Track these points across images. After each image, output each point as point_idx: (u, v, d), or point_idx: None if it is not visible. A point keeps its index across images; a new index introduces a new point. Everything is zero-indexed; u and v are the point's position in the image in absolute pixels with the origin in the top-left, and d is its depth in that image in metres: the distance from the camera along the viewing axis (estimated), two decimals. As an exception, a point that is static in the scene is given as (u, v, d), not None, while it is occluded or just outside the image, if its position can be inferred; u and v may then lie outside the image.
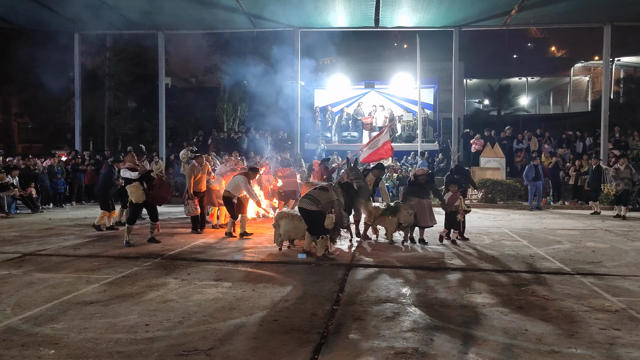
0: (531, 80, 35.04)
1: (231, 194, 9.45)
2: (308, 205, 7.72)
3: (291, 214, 8.29)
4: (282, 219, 8.24)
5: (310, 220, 7.75)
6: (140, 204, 8.92)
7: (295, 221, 8.12)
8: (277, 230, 8.28)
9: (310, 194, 7.85)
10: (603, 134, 18.34)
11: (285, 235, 8.26)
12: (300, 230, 8.09)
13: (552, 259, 7.75)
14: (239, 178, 9.42)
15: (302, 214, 7.86)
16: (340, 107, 22.95)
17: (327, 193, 7.77)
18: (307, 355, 3.94)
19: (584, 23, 19.58)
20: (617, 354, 3.99)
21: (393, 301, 5.45)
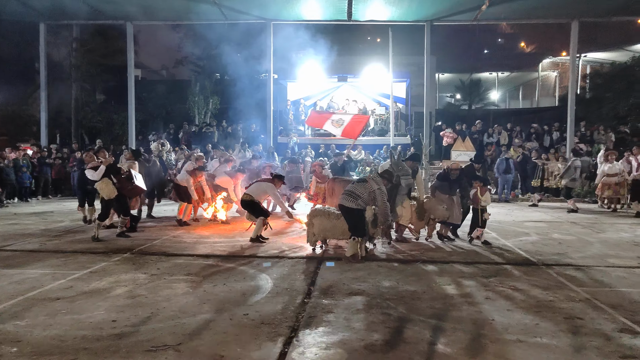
0: (501, 75, 35.55)
1: (253, 198, 8.72)
2: (347, 202, 7.07)
3: (327, 212, 7.65)
4: (317, 217, 7.60)
5: (350, 219, 7.11)
6: (112, 200, 8.71)
7: (332, 219, 7.47)
8: (311, 229, 7.62)
9: (349, 189, 7.22)
10: (569, 128, 18.78)
11: (320, 235, 7.60)
12: (337, 229, 7.44)
13: (520, 251, 7.91)
14: (267, 186, 8.83)
15: (342, 213, 7.22)
16: (314, 100, 22.90)
17: (366, 184, 7.13)
18: (278, 349, 3.93)
19: (552, 19, 19.95)
20: (580, 343, 4.10)
21: (364, 294, 5.48)
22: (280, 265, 6.87)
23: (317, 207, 8.20)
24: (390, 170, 7.67)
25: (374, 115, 22.25)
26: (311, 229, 7.67)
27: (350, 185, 7.38)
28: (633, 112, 22.22)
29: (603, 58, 30.17)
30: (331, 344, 4.04)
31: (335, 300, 5.24)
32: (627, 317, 4.70)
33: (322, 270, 6.56)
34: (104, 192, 8.60)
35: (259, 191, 8.87)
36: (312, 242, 7.71)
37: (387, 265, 6.91)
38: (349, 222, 7.15)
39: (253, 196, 8.72)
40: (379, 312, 4.84)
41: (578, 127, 19.64)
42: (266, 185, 8.89)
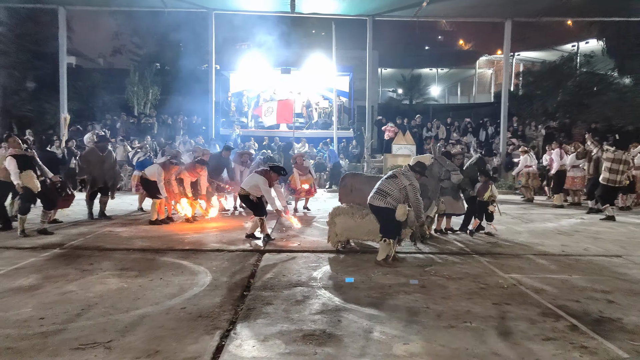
0: (441, 71, 36.63)
1: (247, 192, 8.04)
2: (376, 201, 6.55)
3: (351, 210, 7.20)
4: (339, 216, 7.16)
5: (380, 219, 6.63)
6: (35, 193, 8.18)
7: (357, 218, 7.03)
8: (333, 228, 7.17)
9: (378, 187, 6.65)
10: (503, 123, 19.64)
11: (342, 235, 7.15)
12: (362, 229, 7.00)
13: (454, 241, 8.21)
14: (258, 179, 7.91)
15: (372, 212, 6.75)
16: (257, 92, 22.69)
17: (397, 180, 6.56)
18: (215, 342, 3.89)
19: (487, 18, 20.73)
20: (507, 326, 4.32)
21: (304, 285, 5.52)
22: (220, 258, 6.78)
23: (341, 206, 7.51)
24: (422, 162, 7.01)
25: (317, 108, 22.34)
26: (333, 228, 7.17)
27: (381, 181, 6.76)
28: (561, 109, 23.49)
29: (534, 57, 31.72)
30: (269, 336, 4.05)
31: (274, 292, 5.24)
32: (550, 301, 4.99)
33: (263, 263, 6.54)
34: (29, 184, 8.05)
35: (251, 184, 8.01)
36: (334, 242, 7.21)
37: (327, 256, 6.97)
38: (380, 221, 6.65)
39: (246, 189, 8.01)
40: (317, 303, 4.89)
41: (511, 123, 20.56)
42: (257, 178, 7.94)
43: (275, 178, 8.06)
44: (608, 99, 22.48)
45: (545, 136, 19.53)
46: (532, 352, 3.78)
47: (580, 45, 28.55)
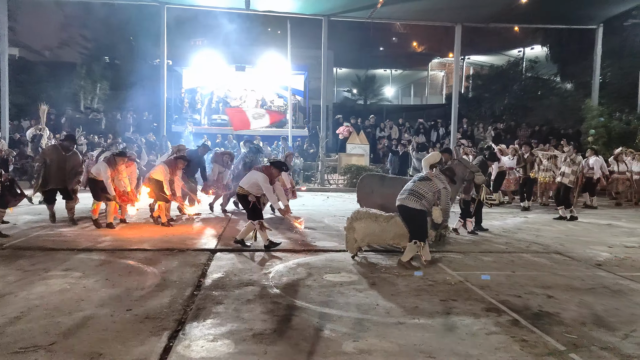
0: (395, 72, 37.26)
1: (246, 191, 7.38)
2: (411, 202, 6.37)
3: (374, 214, 6.82)
4: (360, 220, 6.75)
5: (412, 221, 6.46)
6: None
7: (381, 222, 6.71)
8: (352, 234, 6.74)
9: (411, 188, 6.49)
10: (453, 125, 20.20)
11: (364, 241, 6.76)
12: (387, 233, 6.72)
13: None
14: (258, 176, 7.26)
15: (402, 213, 6.50)
16: (211, 89, 22.35)
17: (431, 183, 6.46)
18: (162, 343, 3.82)
19: (438, 22, 21.23)
20: (453, 322, 4.45)
21: (255, 284, 5.49)
22: (170, 258, 6.65)
23: (361, 210, 7.09)
24: (452, 168, 7.01)
25: (272, 106, 22.24)
26: (352, 234, 6.76)
27: (411, 183, 6.61)
28: (507, 112, 24.40)
29: (483, 61, 32.78)
30: (219, 335, 4.01)
31: (225, 291, 5.19)
32: (493, 297, 5.18)
33: (214, 262, 6.46)
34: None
35: (251, 182, 7.34)
36: (352, 249, 6.80)
37: (281, 255, 6.97)
38: (411, 224, 6.48)
39: (245, 188, 7.35)
40: (269, 302, 4.88)
41: (461, 124, 21.16)
42: (257, 175, 7.28)
43: (276, 174, 7.47)
44: (550, 103, 23.53)
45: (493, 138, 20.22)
46: (476, 346, 3.91)
47: (526, 51, 29.74)
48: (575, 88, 24.82)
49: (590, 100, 20.16)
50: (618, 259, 7.16)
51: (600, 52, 20.25)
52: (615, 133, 18.78)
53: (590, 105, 19.79)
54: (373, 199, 8.06)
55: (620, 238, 8.81)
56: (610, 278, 6.08)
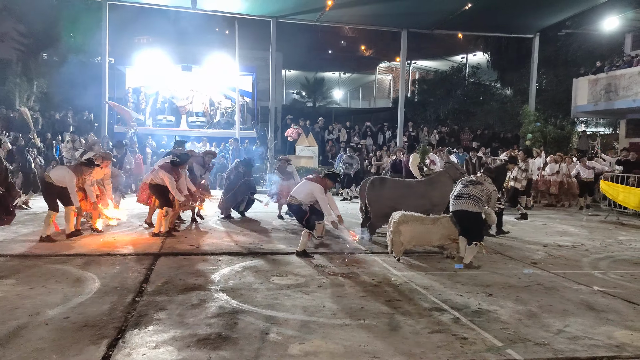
0: (343, 75, 37.65)
1: (300, 201, 7.25)
2: (470, 207, 6.61)
3: (419, 217, 7.06)
4: (406, 224, 6.90)
5: (471, 224, 6.68)
6: None
7: (427, 224, 6.95)
8: (398, 237, 6.87)
9: (467, 193, 6.70)
10: (399, 128, 20.65)
11: (410, 243, 6.97)
12: (433, 235, 6.96)
13: (351, 241, 8.44)
14: (313, 187, 7.15)
15: (461, 217, 6.71)
16: (156, 89, 21.75)
17: (483, 186, 6.71)
18: (101, 352, 3.68)
19: (385, 27, 21.65)
20: (397, 322, 4.54)
21: (200, 288, 5.39)
22: (110, 263, 6.42)
23: (406, 213, 7.17)
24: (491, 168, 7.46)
25: (220, 107, 21.92)
26: (398, 237, 6.89)
27: (467, 188, 6.79)
28: (451, 116, 25.18)
29: (429, 66, 33.71)
30: (161, 342, 3.90)
31: (169, 296, 5.07)
32: (436, 296, 5.32)
33: (158, 267, 6.29)
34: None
35: (305, 193, 7.23)
36: (398, 252, 6.97)
37: (226, 258, 6.88)
38: (471, 226, 6.70)
39: (298, 198, 7.24)
40: (214, 306, 4.81)
41: (407, 127, 21.65)
42: (312, 186, 7.20)
43: (330, 185, 7.43)
44: (491, 108, 24.49)
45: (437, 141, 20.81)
46: (419, 344, 4.00)
47: (469, 57, 30.82)
48: (514, 94, 25.97)
49: (527, 106, 21.12)
50: (552, 257, 7.53)
51: (537, 60, 21.26)
52: (550, 137, 19.77)
53: (527, 111, 20.71)
54: (384, 201, 8.40)
55: (554, 237, 9.27)
56: (545, 276, 6.39)
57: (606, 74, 18.60)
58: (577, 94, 19.79)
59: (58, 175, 7.77)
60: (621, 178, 12.67)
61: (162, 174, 8.26)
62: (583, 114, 20.84)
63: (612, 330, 4.44)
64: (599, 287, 5.86)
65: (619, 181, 12.55)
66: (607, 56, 20.62)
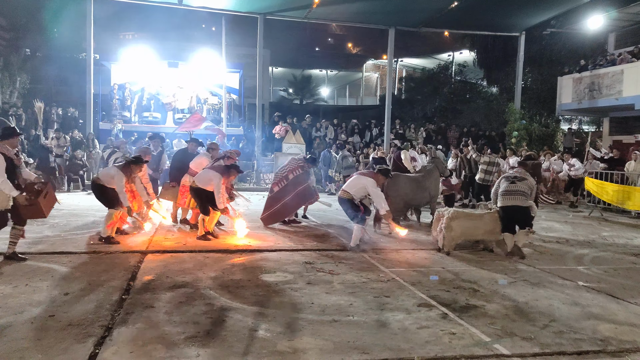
0: (330, 73, 37.64)
1: (352, 196, 7.45)
2: (523, 202, 7.15)
3: (467, 213, 7.58)
4: (457, 220, 7.27)
5: (524, 216, 7.21)
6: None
7: (474, 219, 7.40)
8: (450, 233, 7.23)
9: (519, 189, 7.19)
10: (387, 125, 20.72)
11: (460, 238, 7.38)
12: (479, 229, 7.37)
13: (340, 237, 8.47)
14: (367, 181, 7.36)
15: (514, 212, 7.17)
16: (140, 85, 21.54)
17: (528, 181, 7.28)
18: (87, 351, 3.63)
19: (373, 24, 21.68)
20: (385, 318, 4.55)
21: (188, 286, 5.35)
22: (97, 261, 6.34)
23: (457, 210, 7.65)
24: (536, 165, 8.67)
25: (206, 104, 21.79)
26: (450, 233, 7.23)
27: (512, 185, 7.29)
28: (438, 114, 25.30)
29: (416, 64, 33.82)
30: (149, 340, 3.87)
31: (156, 294, 5.02)
32: (424, 292, 5.35)
33: (145, 264, 6.23)
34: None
35: (357, 187, 7.46)
36: (450, 247, 7.32)
37: (214, 255, 6.84)
38: (521, 219, 7.20)
39: (351, 192, 7.42)
40: (202, 303, 4.77)
41: (394, 125, 21.72)
42: (365, 181, 7.41)
43: (382, 180, 7.60)
44: (477, 106, 24.67)
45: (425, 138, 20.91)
46: (408, 340, 4.02)
47: (455, 55, 30.98)
48: (499, 92, 26.18)
49: (512, 104, 21.32)
50: (537, 253, 7.61)
51: (523, 58, 21.46)
52: (535, 135, 20.00)
53: (513, 109, 20.93)
54: (401, 196, 9.22)
55: (539, 233, 9.34)
56: (531, 271, 6.46)
57: (590, 72, 18.85)
58: (562, 92, 20.04)
59: (107, 176, 7.49)
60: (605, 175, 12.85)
61: (211, 175, 7.69)
62: (567, 112, 21.10)
63: (597, 325, 4.51)
64: (584, 282, 5.94)
65: (602, 178, 12.72)
66: (591, 55, 20.90)
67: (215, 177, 7.61)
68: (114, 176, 7.37)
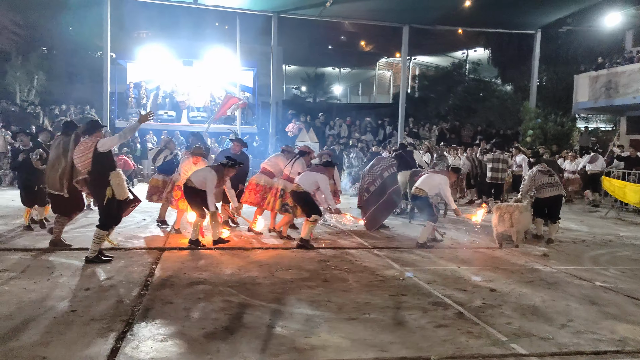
0: (343, 71, 37.66)
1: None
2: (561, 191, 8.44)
3: (525, 207, 7.83)
4: (522, 213, 7.70)
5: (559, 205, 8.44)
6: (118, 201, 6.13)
7: (529, 211, 7.90)
8: (519, 226, 7.72)
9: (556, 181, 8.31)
10: (400, 124, 20.68)
11: (524, 230, 8.06)
12: (521, 224, 7.76)
13: (355, 236, 8.49)
14: (442, 179, 7.58)
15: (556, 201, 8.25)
16: (156, 84, 21.73)
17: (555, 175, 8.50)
18: (109, 345, 3.70)
19: (387, 22, 21.64)
20: (402, 316, 4.57)
21: (205, 282, 5.41)
22: (116, 257, 6.42)
23: (524, 204, 7.91)
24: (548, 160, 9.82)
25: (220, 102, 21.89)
26: (519, 226, 7.72)
27: (550, 178, 8.24)
28: (452, 112, 25.17)
29: (429, 62, 33.67)
30: (169, 335, 3.93)
31: (174, 290, 5.09)
32: (439, 291, 5.35)
33: (162, 261, 6.31)
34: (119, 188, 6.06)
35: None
36: (520, 240, 7.86)
37: (229, 253, 6.90)
38: (558, 207, 8.33)
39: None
40: (220, 300, 4.83)
41: (407, 123, 21.67)
42: (440, 179, 7.65)
43: (454, 178, 8.20)
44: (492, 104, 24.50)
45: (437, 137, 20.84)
46: (425, 338, 4.03)
47: (469, 53, 30.79)
48: (514, 91, 25.97)
49: (528, 102, 21.14)
50: (554, 253, 7.56)
51: (538, 56, 21.26)
52: (550, 134, 19.81)
53: (528, 108, 20.75)
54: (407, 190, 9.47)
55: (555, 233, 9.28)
56: (547, 271, 6.43)
57: (607, 70, 18.62)
58: (578, 91, 19.82)
59: (200, 177, 7.14)
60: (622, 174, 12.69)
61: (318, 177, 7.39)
62: (583, 110, 20.87)
63: (615, 325, 4.48)
64: (601, 283, 5.90)
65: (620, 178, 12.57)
66: (608, 53, 20.63)
67: (322, 180, 7.35)
68: (206, 177, 7.08)
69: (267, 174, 8.50)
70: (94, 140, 6.01)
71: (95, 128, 6.21)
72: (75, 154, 6.08)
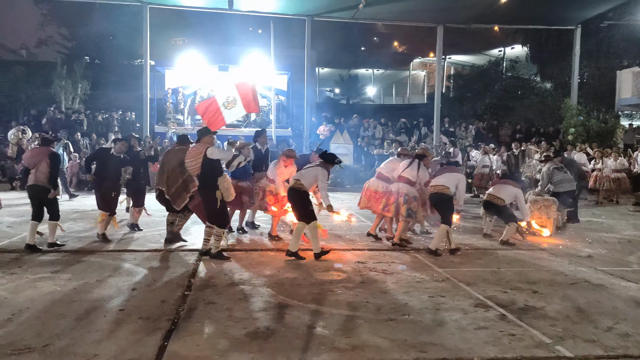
0: (377, 72, 37.52)
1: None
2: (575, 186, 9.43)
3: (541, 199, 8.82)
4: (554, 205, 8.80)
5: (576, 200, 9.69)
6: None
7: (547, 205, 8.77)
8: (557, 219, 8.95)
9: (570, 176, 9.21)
10: (436, 124, 20.45)
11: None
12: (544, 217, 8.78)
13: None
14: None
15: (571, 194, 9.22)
16: (193, 89, 22.19)
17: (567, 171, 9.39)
18: (156, 343, 3.84)
19: (421, 22, 21.46)
20: (441, 318, 4.55)
21: (246, 283, 5.52)
22: (159, 258, 6.64)
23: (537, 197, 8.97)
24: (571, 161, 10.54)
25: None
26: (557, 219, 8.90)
27: (566, 174, 9.05)
28: (488, 111, 24.72)
29: (464, 61, 33.18)
30: (212, 334, 4.04)
31: (216, 291, 5.22)
32: (480, 293, 5.29)
33: (203, 262, 6.47)
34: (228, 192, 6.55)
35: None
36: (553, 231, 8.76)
37: (267, 254, 7.01)
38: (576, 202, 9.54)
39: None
40: (260, 300, 4.92)
41: (443, 123, 21.41)
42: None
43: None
44: (530, 102, 23.94)
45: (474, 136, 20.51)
46: (466, 340, 4.01)
47: (506, 51, 30.18)
48: (554, 88, 25.30)
49: (569, 99, 20.56)
50: (598, 254, 7.36)
51: (579, 52, 20.67)
52: (593, 132, 19.21)
53: (569, 105, 20.18)
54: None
55: (599, 234, 9.05)
56: (592, 272, 6.26)
57: (652, 65, 17.96)
58: (621, 87, 19.18)
59: (310, 178, 6.90)
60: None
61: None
62: (627, 107, 20.16)
63: (665, 329, 4.34)
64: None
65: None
66: (653, 47, 19.90)
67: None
68: (317, 175, 6.83)
69: (384, 180, 8.26)
70: (203, 147, 6.53)
71: (203, 135, 6.77)
72: (186, 158, 6.67)
